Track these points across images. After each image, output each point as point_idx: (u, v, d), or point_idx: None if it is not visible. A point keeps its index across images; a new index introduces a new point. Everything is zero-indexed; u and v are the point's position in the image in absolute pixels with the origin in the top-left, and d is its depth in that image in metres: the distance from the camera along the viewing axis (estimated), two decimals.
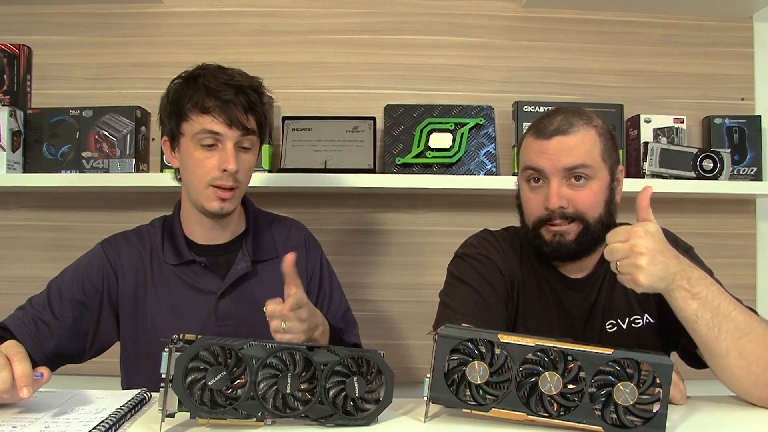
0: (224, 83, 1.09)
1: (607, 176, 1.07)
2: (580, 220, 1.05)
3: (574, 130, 1.05)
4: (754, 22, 1.84)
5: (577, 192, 1.05)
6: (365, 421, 0.79)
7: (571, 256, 1.07)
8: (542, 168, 1.05)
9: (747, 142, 1.72)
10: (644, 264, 0.85)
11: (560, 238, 1.05)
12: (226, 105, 1.07)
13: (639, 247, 0.85)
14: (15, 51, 1.68)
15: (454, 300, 1.09)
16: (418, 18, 1.81)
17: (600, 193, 1.06)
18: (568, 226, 1.05)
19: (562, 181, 1.05)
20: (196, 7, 1.80)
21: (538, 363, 0.78)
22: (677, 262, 0.88)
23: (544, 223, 1.06)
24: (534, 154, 1.07)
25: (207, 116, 1.07)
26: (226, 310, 1.15)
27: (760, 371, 0.87)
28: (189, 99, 1.08)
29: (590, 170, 1.04)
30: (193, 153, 1.10)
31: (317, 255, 1.28)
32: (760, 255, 1.82)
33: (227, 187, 1.10)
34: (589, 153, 1.05)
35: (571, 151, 1.04)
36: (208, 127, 1.07)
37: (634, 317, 1.10)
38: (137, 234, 1.21)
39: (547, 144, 1.05)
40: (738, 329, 0.87)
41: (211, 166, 1.09)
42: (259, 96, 1.13)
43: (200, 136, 1.08)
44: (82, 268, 1.15)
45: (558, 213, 1.04)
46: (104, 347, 1.17)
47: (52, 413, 0.80)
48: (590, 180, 1.05)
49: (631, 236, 0.87)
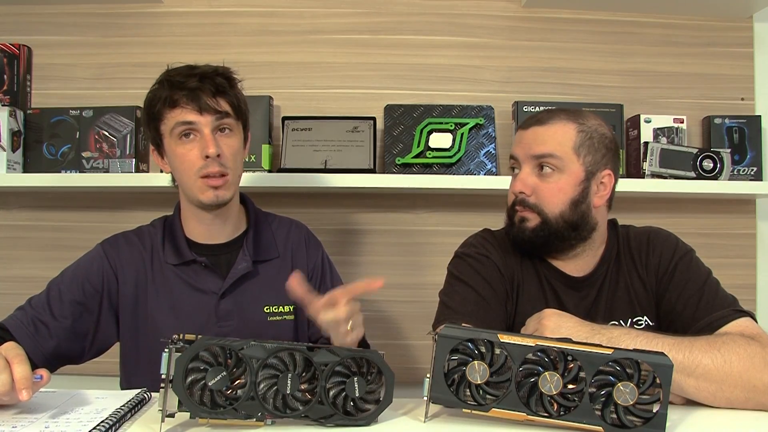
0: (188, 75, 1.10)
1: (579, 173, 1.06)
2: (539, 212, 1.07)
3: (552, 122, 1.08)
4: (754, 22, 1.83)
5: (542, 182, 1.07)
6: (365, 421, 0.79)
7: (529, 244, 1.09)
8: (516, 156, 1.10)
9: (747, 142, 1.71)
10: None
11: (522, 224, 1.08)
12: (193, 93, 1.08)
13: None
14: (15, 51, 1.68)
15: (454, 300, 1.09)
16: (418, 18, 1.81)
17: (566, 188, 1.06)
18: (528, 213, 1.08)
19: (533, 170, 1.08)
20: (196, 7, 1.80)
21: (538, 363, 0.78)
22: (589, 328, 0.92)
23: (513, 208, 1.10)
24: (514, 144, 1.12)
25: (177, 109, 1.09)
26: (227, 309, 1.15)
27: (734, 396, 0.87)
28: (158, 99, 1.10)
29: (558, 161, 1.05)
30: (175, 150, 1.10)
31: (318, 253, 1.29)
32: (760, 255, 1.82)
33: (216, 173, 1.09)
34: (560, 145, 1.06)
35: (542, 141, 1.07)
36: (180, 118, 1.08)
37: (637, 318, 1.10)
38: (138, 234, 1.21)
39: (523, 133, 1.10)
40: (682, 370, 0.87)
41: (194, 156, 1.09)
42: (227, 80, 1.13)
43: (176, 130, 1.09)
44: (82, 269, 1.15)
45: (519, 199, 1.08)
46: (104, 348, 1.17)
47: (52, 413, 0.80)
48: (558, 172, 1.06)
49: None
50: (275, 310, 1.19)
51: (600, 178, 1.08)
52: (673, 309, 1.06)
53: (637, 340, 0.88)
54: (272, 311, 1.18)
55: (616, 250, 1.13)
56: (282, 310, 1.19)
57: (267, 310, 1.18)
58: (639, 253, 1.12)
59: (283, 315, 1.19)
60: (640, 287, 1.10)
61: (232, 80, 1.14)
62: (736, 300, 1.04)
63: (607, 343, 0.84)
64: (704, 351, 0.88)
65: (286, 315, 1.19)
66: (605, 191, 1.09)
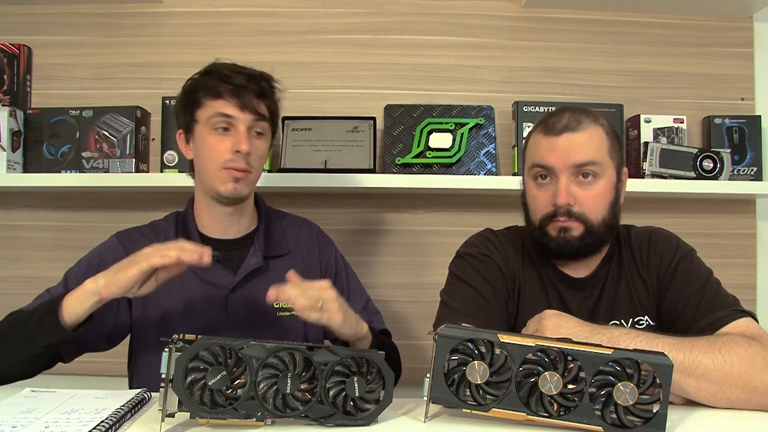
0: (236, 71, 1.14)
1: (613, 175, 1.07)
2: (584, 221, 1.05)
3: (583, 128, 1.05)
4: (754, 22, 1.84)
5: (585, 191, 1.05)
6: (365, 421, 0.79)
7: (574, 253, 1.07)
8: (551, 165, 1.05)
9: (747, 142, 1.71)
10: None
11: (565, 234, 1.05)
12: (238, 89, 1.12)
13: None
14: (15, 51, 1.68)
15: (455, 299, 1.09)
16: (418, 18, 1.81)
17: (606, 193, 1.06)
18: (573, 222, 1.05)
19: (571, 178, 1.05)
20: (196, 7, 1.80)
21: (538, 363, 0.78)
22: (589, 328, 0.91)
23: (550, 219, 1.06)
24: (543, 152, 1.06)
25: (219, 100, 1.12)
26: (237, 304, 1.16)
27: (734, 396, 0.87)
28: (202, 87, 1.14)
29: (598, 168, 1.04)
30: (206, 138, 1.13)
31: (331, 251, 1.31)
32: (760, 255, 1.82)
33: (240, 168, 1.13)
34: (598, 150, 1.05)
35: (580, 148, 1.04)
36: (221, 110, 1.12)
37: (638, 318, 1.10)
38: (152, 228, 1.23)
39: (556, 141, 1.05)
40: (682, 370, 0.87)
41: (224, 149, 1.12)
42: (270, 86, 1.18)
43: (213, 120, 1.12)
44: (98, 257, 1.16)
45: (564, 210, 1.04)
46: (121, 337, 1.18)
47: (52, 413, 0.80)
48: (598, 178, 1.05)
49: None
50: (284, 306, 1.19)
51: (622, 176, 1.11)
52: (674, 309, 1.06)
53: (638, 340, 0.88)
54: (281, 307, 1.19)
55: (617, 250, 1.13)
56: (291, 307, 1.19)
57: (277, 305, 1.18)
58: (640, 253, 1.12)
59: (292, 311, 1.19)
60: (641, 287, 1.10)
61: (273, 87, 1.19)
62: (737, 300, 1.03)
63: (608, 343, 0.84)
64: (705, 351, 0.88)
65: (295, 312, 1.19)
66: (624, 188, 1.12)
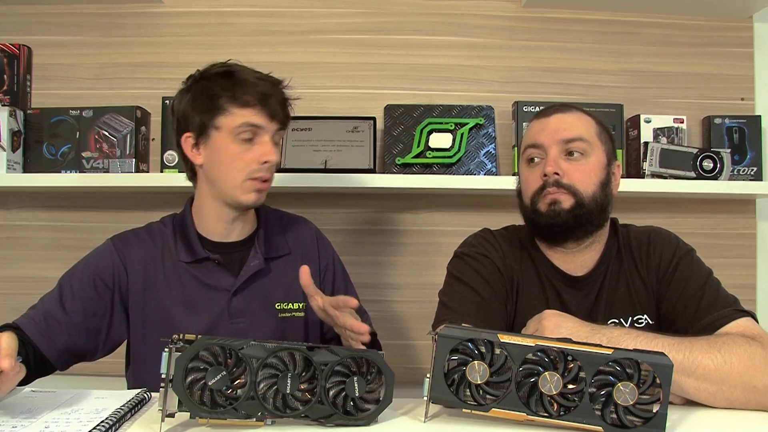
0: (260, 78, 1.11)
1: (602, 157, 1.10)
2: (574, 193, 1.06)
3: (572, 112, 1.12)
4: (754, 22, 1.84)
5: (573, 165, 1.07)
6: (365, 421, 0.79)
7: (565, 228, 1.07)
8: (541, 142, 1.09)
9: (747, 142, 1.71)
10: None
11: (555, 206, 1.06)
12: (267, 98, 1.10)
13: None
14: (15, 51, 1.68)
15: (453, 300, 1.09)
16: (418, 18, 1.81)
17: (596, 170, 1.08)
18: (562, 194, 1.06)
19: (560, 154, 1.08)
20: (196, 7, 1.80)
21: (538, 363, 0.78)
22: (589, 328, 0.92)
23: (540, 193, 1.08)
24: (534, 132, 1.12)
25: (248, 109, 1.08)
26: (240, 307, 1.16)
27: (734, 396, 0.87)
28: (226, 92, 1.08)
29: (587, 145, 1.08)
30: (229, 146, 1.10)
31: (329, 252, 1.30)
32: (760, 255, 1.82)
33: (265, 178, 1.12)
34: (587, 129, 1.10)
35: (569, 126, 1.09)
36: (250, 120, 1.09)
37: (637, 317, 1.10)
38: (148, 231, 1.21)
39: (546, 121, 1.11)
40: (682, 370, 0.86)
41: (250, 158, 1.10)
42: (286, 93, 1.17)
43: (240, 130, 1.09)
44: (93, 264, 1.15)
45: (552, 180, 1.06)
46: (116, 344, 1.17)
47: (52, 413, 0.80)
48: (587, 156, 1.08)
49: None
50: (286, 307, 1.19)
51: (613, 167, 1.13)
52: (674, 309, 1.06)
53: (638, 340, 0.88)
54: (283, 308, 1.19)
55: (616, 249, 1.14)
56: (292, 307, 1.20)
57: (278, 306, 1.18)
58: (639, 252, 1.12)
59: (293, 312, 1.20)
60: (640, 286, 1.10)
61: (288, 94, 1.18)
62: (737, 300, 1.03)
63: (607, 343, 0.84)
64: (704, 351, 0.88)
65: (296, 312, 1.20)
66: (616, 181, 1.13)
